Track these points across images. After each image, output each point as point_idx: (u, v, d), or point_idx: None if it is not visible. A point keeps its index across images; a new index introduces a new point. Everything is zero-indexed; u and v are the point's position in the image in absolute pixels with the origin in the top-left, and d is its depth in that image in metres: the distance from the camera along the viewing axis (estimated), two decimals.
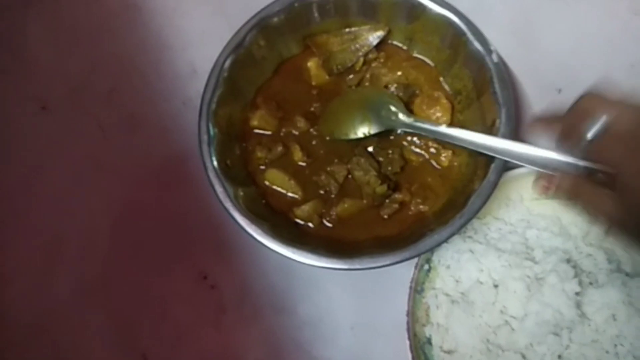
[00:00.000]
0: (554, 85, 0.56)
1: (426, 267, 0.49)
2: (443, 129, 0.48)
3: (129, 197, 0.57)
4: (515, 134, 0.47)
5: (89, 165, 0.58)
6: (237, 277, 0.54)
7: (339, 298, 0.53)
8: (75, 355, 0.54)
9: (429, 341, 0.49)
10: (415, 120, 0.50)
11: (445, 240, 0.45)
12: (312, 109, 0.54)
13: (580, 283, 0.46)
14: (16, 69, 0.61)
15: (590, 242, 0.50)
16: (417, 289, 0.48)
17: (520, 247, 0.49)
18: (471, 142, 0.46)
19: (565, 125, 0.41)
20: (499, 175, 0.45)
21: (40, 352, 0.54)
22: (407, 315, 0.47)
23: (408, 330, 0.46)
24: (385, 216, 0.50)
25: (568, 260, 0.48)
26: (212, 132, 0.49)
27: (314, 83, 0.55)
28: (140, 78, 0.60)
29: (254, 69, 0.54)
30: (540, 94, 0.56)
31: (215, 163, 0.49)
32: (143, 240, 0.56)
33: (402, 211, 0.51)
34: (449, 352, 0.48)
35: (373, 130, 0.50)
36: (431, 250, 0.46)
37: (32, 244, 0.56)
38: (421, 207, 0.50)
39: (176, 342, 0.53)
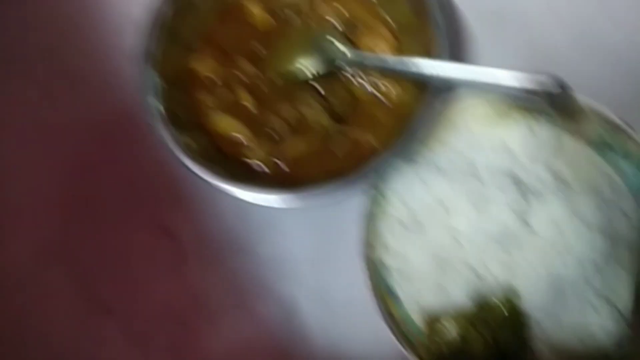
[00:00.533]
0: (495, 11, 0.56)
1: (377, 195, 0.50)
2: (383, 57, 0.49)
3: (77, 155, 0.56)
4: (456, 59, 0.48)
5: (33, 126, 0.57)
6: (195, 225, 0.55)
7: (297, 236, 0.53)
8: (38, 315, 0.54)
9: (384, 265, 0.50)
10: (358, 54, 0.50)
11: (387, 164, 0.46)
12: (258, 52, 0.54)
13: (525, 198, 0.48)
14: None
15: (535, 161, 0.51)
16: (369, 217, 0.49)
17: (466, 168, 0.50)
18: (410, 69, 0.47)
19: None
20: (439, 99, 0.46)
21: (1, 315, 0.54)
22: (362, 244, 0.48)
23: (363, 258, 0.48)
24: (338, 153, 0.51)
25: (513, 178, 0.49)
26: (155, 81, 0.49)
27: (258, 27, 0.55)
28: (79, 35, 0.59)
29: (196, 16, 0.53)
30: (481, 20, 0.56)
31: (161, 111, 0.48)
32: (97, 197, 0.55)
33: (355, 147, 0.51)
34: (404, 274, 0.49)
35: (317, 67, 0.50)
36: (373, 174, 0.47)
37: None
38: (372, 142, 0.51)
39: (140, 293, 0.54)
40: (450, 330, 0.46)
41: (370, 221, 0.49)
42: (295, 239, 0.53)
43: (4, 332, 0.54)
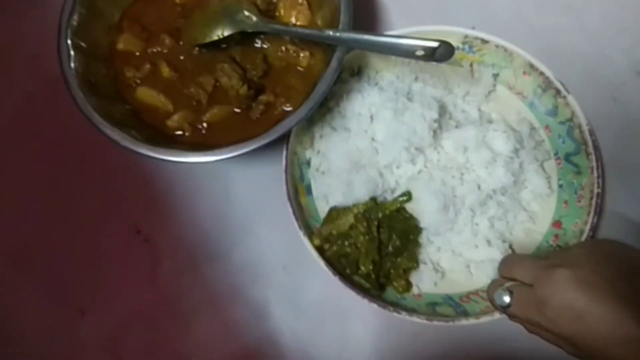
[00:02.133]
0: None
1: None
2: (291, 27, 0.53)
3: (55, 161, 0.58)
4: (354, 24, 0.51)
5: (16, 129, 0.60)
6: (170, 229, 0.57)
7: (270, 240, 0.56)
8: (10, 317, 0.55)
9: (308, 162, 0.55)
10: (265, 20, 0.53)
11: (296, 124, 0.49)
12: (177, 26, 0.56)
13: (443, 120, 0.53)
14: None
15: (468, 102, 0.56)
16: (308, 120, 0.54)
17: (402, 90, 0.55)
18: (311, 36, 0.51)
19: None
20: (340, 62, 0.49)
21: None
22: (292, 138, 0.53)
23: (288, 150, 0.52)
24: (254, 117, 0.54)
25: (440, 103, 0.54)
26: (72, 52, 0.51)
27: (177, 1, 0.57)
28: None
29: None
30: None
31: (76, 81, 0.50)
32: (72, 200, 0.58)
33: (269, 111, 0.54)
34: (322, 172, 0.55)
35: (227, 32, 0.53)
36: (285, 132, 0.50)
37: None
38: (286, 105, 0.54)
39: (112, 296, 0.56)
40: (343, 219, 0.51)
41: (307, 122, 0.54)
42: (269, 244, 0.55)
43: None
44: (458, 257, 0.52)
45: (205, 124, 0.54)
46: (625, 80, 0.59)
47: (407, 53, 0.46)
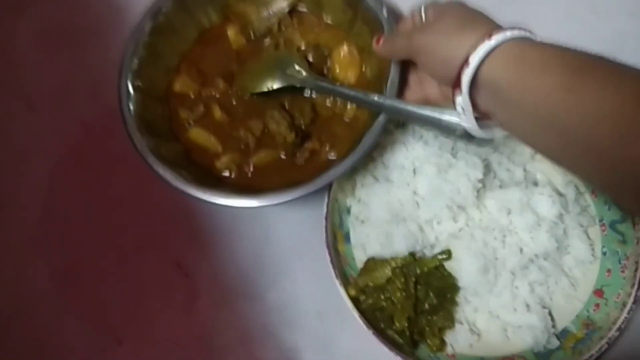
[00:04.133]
0: None
1: None
2: (337, 87, 0.54)
3: (107, 191, 0.61)
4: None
5: (72, 159, 0.63)
6: (210, 265, 0.58)
7: (306, 285, 0.56)
8: (50, 338, 0.57)
9: (348, 210, 0.56)
10: (315, 78, 0.55)
11: (341, 175, 0.50)
12: (231, 71, 0.59)
13: (487, 179, 0.53)
14: (5, 71, 0.67)
15: (513, 160, 0.56)
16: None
17: (446, 145, 0.55)
18: (356, 98, 0.52)
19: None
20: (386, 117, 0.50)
21: (16, 335, 0.58)
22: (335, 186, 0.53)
23: (330, 197, 0.53)
24: (299, 164, 0.55)
25: (485, 162, 0.54)
26: (130, 92, 0.54)
27: (233, 48, 0.60)
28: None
29: (175, 37, 0.59)
30: None
31: (133, 119, 0.53)
32: (120, 230, 0.60)
33: (314, 158, 0.55)
34: (362, 221, 0.55)
35: (276, 85, 0.55)
36: (330, 182, 0.51)
37: (10, 237, 0.61)
38: (330, 153, 0.55)
39: (149, 327, 0.57)
40: (381, 272, 0.51)
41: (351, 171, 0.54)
42: (304, 288, 0.56)
43: (20, 357, 0.57)
44: (495, 319, 0.51)
45: (251, 167, 0.56)
46: None
47: (448, 130, 0.46)
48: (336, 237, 0.54)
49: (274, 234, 0.59)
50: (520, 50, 0.38)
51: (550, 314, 0.51)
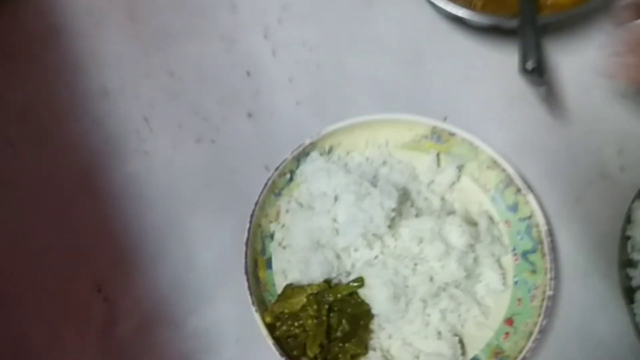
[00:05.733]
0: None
1: (289, 176, 0.57)
2: None
3: (35, 210, 0.60)
4: None
5: None
6: (131, 290, 0.57)
7: (227, 311, 0.56)
8: None
9: (271, 236, 0.57)
10: None
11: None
12: None
13: (403, 208, 0.54)
14: None
15: (432, 190, 0.58)
16: (274, 192, 0.56)
17: (368, 174, 0.57)
18: None
19: None
20: None
21: None
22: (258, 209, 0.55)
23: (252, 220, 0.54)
24: None
25: (403, 191, 0.56)
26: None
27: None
28: (54, 97, 0.65)
29: None
30: None
31: None
32: (41, 252, 0.59)
33: None
34: (283, 247, 0.56)
35: None
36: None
37: None
38: None
39: (67, 354, 0.56)
40: (297, 299, 0.51)
41: (275, 195, 0.57)
42: (225, 315, 0.56)
43: None
44: (408, 346, 0.52)
45: None
46: (590, 180, 0.60)
47: None
48: (257, 263, 0.55)
49: (198, 259, 0.59)
50: None
51: (461, 341, 0.52)
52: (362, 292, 0.52)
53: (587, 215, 0.58)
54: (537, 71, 0.56)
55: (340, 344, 0.51)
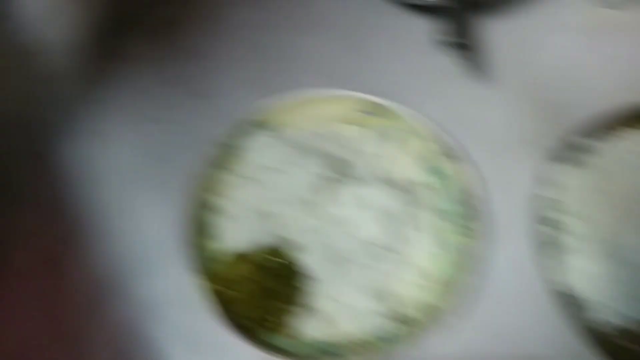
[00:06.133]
0: None
1: (232, 151, 0.60)
2: None
3: None
4: None
5: None
6: (81, 263, 0.59)
7: (173, 280, 0.57)
8: None
9: (216, 208, 0.59)
10: None
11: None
12: None
13: (338, 173, 0.58)
14: None
15: (370, 161, 0.60)
16: (218, 165, 0.59)
17: (305, 145, 0.60)
18: None
19: None
20: None
21: None
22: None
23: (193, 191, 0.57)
24: None
25: (341, 162, 0.59)
26: None
27: None
28: None
29: None
30: None
31: None
32: None
33: None
34: (226, 214, 0.58)
35: None
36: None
37: None
38: None
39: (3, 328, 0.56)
40: (239, 265, 0.55)
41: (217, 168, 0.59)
42: (171, 282, 0.58)
43: None
44: (342, 306, 0.54)
45: None
46: (519, 145, 0.62)
47: None
48: (202, 234, 0.57)
49: (146, 232, 0.60)
50: None
51: (395, 301, 0.55)
52: (300, 257, 0.55)
53: (514, 178, 0.61)
54: (464, 43, 0.59)
55: (278, 304, 0.53)
